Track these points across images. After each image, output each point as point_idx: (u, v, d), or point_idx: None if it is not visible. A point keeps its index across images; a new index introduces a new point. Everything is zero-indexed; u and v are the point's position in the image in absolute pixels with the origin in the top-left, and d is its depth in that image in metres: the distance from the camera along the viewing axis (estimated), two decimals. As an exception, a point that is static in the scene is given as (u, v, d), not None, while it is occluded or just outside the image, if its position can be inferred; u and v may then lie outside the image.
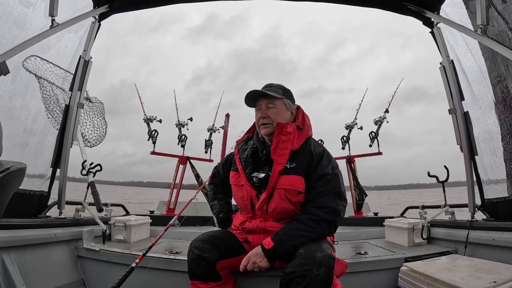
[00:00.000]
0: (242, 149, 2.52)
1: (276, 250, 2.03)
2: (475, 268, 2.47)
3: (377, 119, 5.98)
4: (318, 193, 2.15)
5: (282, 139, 2.26)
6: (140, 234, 4.07)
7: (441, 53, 3.66)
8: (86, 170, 3.78)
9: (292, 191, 2.18)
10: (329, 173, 2.18)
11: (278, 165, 2.23)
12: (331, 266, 1.87)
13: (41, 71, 3.48)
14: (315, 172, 2.20)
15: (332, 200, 2.12)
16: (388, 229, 4.05)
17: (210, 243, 2.28)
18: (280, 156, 2.24)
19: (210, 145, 6.61)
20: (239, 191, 2.42)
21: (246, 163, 2.42)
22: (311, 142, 2.36)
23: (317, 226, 2.06)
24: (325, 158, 2.25)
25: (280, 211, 2.22)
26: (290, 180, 2.20)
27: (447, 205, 3.77)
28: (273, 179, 2.23)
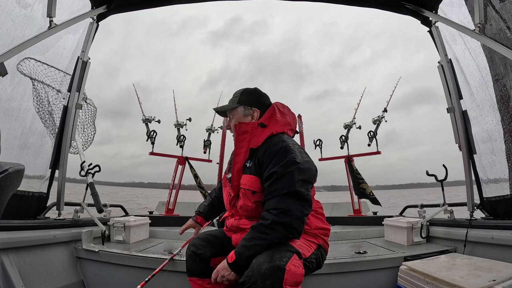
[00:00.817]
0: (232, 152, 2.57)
1: (238, 263, 1.96)
2: (475, 267, 2.47)
3: (375, 119, 5.99)
4: (267, 194, 2.04)
5: (238, 138, 2.29)
6: (139, 235, 4.07)
7: (439, 52, 3.67)
8: (84, 171, 3.78)
9: (247, 190, 2.18)
10: (276, 172, 2.02)
11: (236, 164, 2.27)
12: (278, 278, 1.75)
13: (37, 73, 3.47)
14: (265, 171, 2.10)
15: (282, 200, 1.96)
16: (387, 228, 4.06)
17: (206, 240, 2.41)
18: (237, 155, 2.27)
19: (209, 145, 6.62)
20: (224, 191, 2.50)
21: (229, 165, 2.50)
22: (272, 139, 2.23)
23: (270, 231, 1.93)
24: (279, 155, 2.08)
25: (246, 209, 2.23)
26: (247, 179, 2.20)
27: (446, 204, 3.77)
28: (233, 177, 2.28)
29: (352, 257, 3.08)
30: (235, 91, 2.45)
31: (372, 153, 6.02)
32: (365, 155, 6.10)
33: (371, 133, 5.97)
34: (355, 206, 5.86)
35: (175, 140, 6.25)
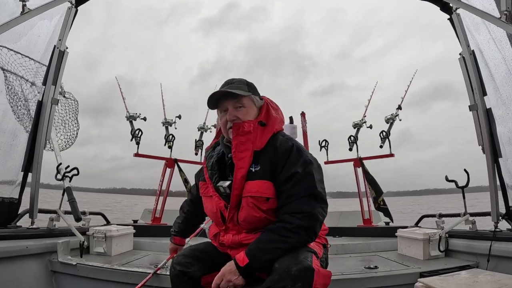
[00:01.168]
0: (209, 156, 2.50)
1: (251, 267, 1.99)
2: (499, 284, 2.48)
3: (388, 117, 5.99)
4: (288, 197, 2.08)
5: (240, 140, 2.23)
6: (122, 246, 4.08)
7: (461, 42, 3.69)
8: (61, 175, 3.78)
9: (259, 198, 2.14)
10: (298, 172, 2.09)
11: (239, 170, 2.20)
12: (308, 280, 1.83)
13: (9, 64, 3.47)
14: (282, 172, 2.13)
15: (306, 203, 2.05)
16: (401, 241, 4.08)
17: (193, 257, 2.31)
18: (241, 159, 2.20)
19: (201, 146, 6.63)
20: (208, 202, 2.41)
21: (212, 171, 2.40)
22: (277, 138, 2.27)
23: (293, 235, 2.00)
24: (293, 155, 2.16)
25: (252, 221, 2.18)
26: (255, 185, 2.16)
27: (467, 213, 3.79)
28: (236, 185, 2.19)
29: (362, 272, 3.09)
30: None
31: (385, 156, 6.01)
32: (377, 158, 6.10)
33: (384, 133, 5.97)
34: (365, 215, 5.86)
35: (163, 140, 6.26)
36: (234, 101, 2.29)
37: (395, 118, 6.00)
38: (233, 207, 2.22)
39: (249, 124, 2.24)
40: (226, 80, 2.41)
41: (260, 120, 2.29)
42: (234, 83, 2.35)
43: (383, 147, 5.97)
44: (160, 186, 6.16)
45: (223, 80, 2.42)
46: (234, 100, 2.29)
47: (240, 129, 2.22)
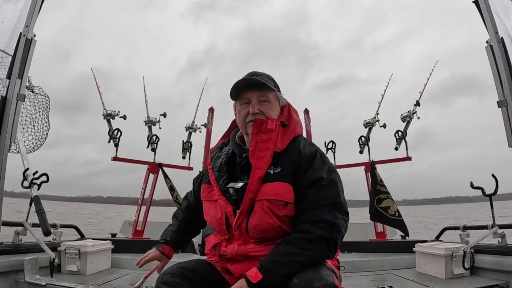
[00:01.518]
0: (216, 157, 2.53)
1: (265, 283, 1.97)
2: (532, 306, 2.49)
3: (405, 115, 6.00)
4: (310, 203, 2.10)
5: (261, 138, 2.25)
6: (98, 264, 4.07)
7: (488, 29, 3.68)
8: (28, 182, 3.75)
9: (277, 202, 2.14)
10: (323, 178, 2.15)
11: (257, 170, 2.21)
12: None
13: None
14: (305, 177, 2.17)
15: (329, 212, 2.08)
16: (420, 257, 4.08)
17: (182, 276, 2.22)
18: (260, 159, 2.22)
19: (189, 148, 6.64)
20: (211, 208, 2.39)
21: (220, 172, 2.40)
22: (300, 141, 2.34)
23: (313, 247, 2.01)
24: (317, 160, 2.23)
25: (264, 229, 2.16)
26: (274, 188, 2.17)
27: (495, 225, 3.78)
28: (251, 187, 2.19)
29: (375, 293, 3.10)
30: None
31: (401, 159, 6.00)
32: (391, 162, 6.10)
33: (399, 133, 5.97)
34: (378, 228, 5.87)
35: (145, 141, 6.26)
36: (259, 94, 2.35)
37: (412, 115, 6.01)
38: (244, 212, 2.20)
39: (272, 122, 2.29)
40: (250, 71, 2.45)
41: (282, 120, 2.34)
42: (259, 75, 2.39)
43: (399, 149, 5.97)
44: (142, 195, 6.15)
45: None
46: (259, 93, 2.34)
47: (263, 126, 2.26)
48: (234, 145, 2.46)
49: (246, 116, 2.34)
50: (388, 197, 5.75)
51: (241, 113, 2.38)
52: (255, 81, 2.33)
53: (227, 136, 2.64)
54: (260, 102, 2.34)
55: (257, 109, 2.32)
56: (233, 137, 2.51)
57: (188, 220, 2.76)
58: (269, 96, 2.36)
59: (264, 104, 2.34)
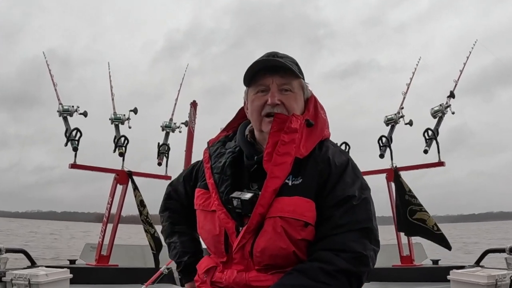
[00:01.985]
0: (217, 154, 2.36)
1: None
2: None
3: (436, 109, 5.98)
4: (336, 227, 2.00)
5: (282, 138, 2.11)
6: (53, 298, 4.05)
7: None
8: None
9: (294, 221, 2.01)
10: (354, 196, 2.02)
11: (273, 179, 2.06)
12: None
13: None
14: (333, 193, 2.04)
15: (358, 240, 1.96)
16: (456, 286, 4.07)
17: None
18: (278, 165, 2.08)
19: (166, 152, 6.63)
20: (207, 220, 2.25)
21: (222, 176, 2.23)
22: (328, 146, 2.21)
23: (332, 281, 1.92)
24: (349, 173, 2.11)
25: (273, 254, 2.04)
26: (292, 203, 2.03)
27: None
28: (263, 201, 2.05)
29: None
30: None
31: (431, 165, 5.97)
32: (420, 168, 6.08)
33: (430, 133, 5.94)
34: (404, 251, 5.84)
35: (112, 143, 6.26)
36: (281, 80, 2.18)
37: (445, 110, 6.00)
38: (250, 230, 2.06)
39: (297, 120, 2.15)
40: (268, 52, 2.30)
41: (307, 118, 2.21)
42: (282, 57, 2.23)
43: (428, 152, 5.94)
44: (108, 210, 6.11)
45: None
46: (282, 79, 2.18)
47: (287, 124, 2.12)
48: (243, 142, 2.30)
49: (263, 107, 2.18)
50: (422, 210, 5.69)
51: (255, 102, 2.22)
52: (277, 63, 2.16)
53: (231, 128, 2.50)
54: (282, 91, 2.18)
55: (277, 100, 2.15)
56: (242, 131, 2.35)
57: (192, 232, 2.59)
58: (293, 84, 2.20)
59: (286, 94, 2.18)
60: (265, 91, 2.18)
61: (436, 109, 6.00)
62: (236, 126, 2.46)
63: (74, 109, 6.09)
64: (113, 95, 6.38)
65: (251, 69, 2.18)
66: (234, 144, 2.35)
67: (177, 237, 2.60)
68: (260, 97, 2.19)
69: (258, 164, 2.16)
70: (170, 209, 2.69)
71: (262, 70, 2.18)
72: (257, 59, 2.20)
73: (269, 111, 2.15)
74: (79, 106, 6.11)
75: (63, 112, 6.06)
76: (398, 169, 6.03)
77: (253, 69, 2.18)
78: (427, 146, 5.95)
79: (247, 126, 2.36)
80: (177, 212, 2.66)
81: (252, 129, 2.30)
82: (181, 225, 2.63)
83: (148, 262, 5.53)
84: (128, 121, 6.36)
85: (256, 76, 2.21)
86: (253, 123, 2.26)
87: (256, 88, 2.22)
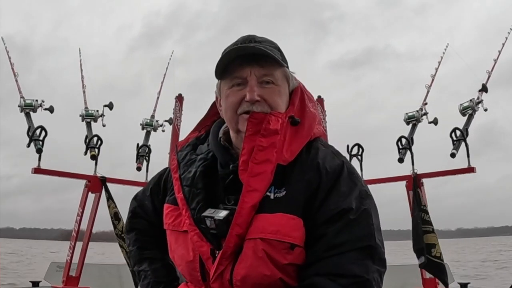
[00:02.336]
0: (186, 161, 2.30)
1: None
2: None
3: (466, 105, 5.97)
4: (330, 247, 1.92)
5: (259, 143, 2.04)
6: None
7: None
8: None
9: (278, 243, 1.95)
10: (351, 209, 1.96)
11: (250, 193, 1.99)
12: None
13: None
14: (324, 206, 1.98)
15: (359, 261, 1.89)
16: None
17: None
18: (256, 176, 2.01)
19: (146, 155, 6.62)
20: (178, 243, 2.20)
21: (193, 189, 2.17)
22: (317, 148, 2.16)
23: None
24: (344, 179, 2.05)
25: (257, 283, 1.98)
26: (275, 222, 1.97)
27: None
28: (240, 219, 1.98)
29: None
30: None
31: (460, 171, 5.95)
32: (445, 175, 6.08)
33: (458, 133, 5.91)
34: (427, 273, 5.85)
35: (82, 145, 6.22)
36: (261, 70, 2.10)
37: (476, 107, 5.96)
38: (228, 255, 1.99)
39: (277, 119, 2.06)
40: (244, 36, 2.22)
41: (292, 115, 2.13)
42: (260, 41, 2.16)
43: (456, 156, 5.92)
44: (77, 224, 6.10)
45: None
46: (261, 69, 2.10)
47: (264, 125, 2.04)
48: (216, 146, 2.24)
49: (239, 104, 2.10)
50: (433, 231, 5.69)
51: (230, 99, 2.14)
52: (255, 50, 2.08)
53: (203, 127, 2.44)
54: (262, 84, 2.10)
55: (257, 95, 2.07)
56: (215, 132, 2.28)
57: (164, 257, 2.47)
58: (276, 74, 2.12)
59: (268, 87, 2.10)
60: (241, 84, 2.12)
61: (466, 105, 5.95)
62: (209, 124, 2.41)
63: (38, 104, 6.05)
64: (85, 87, 6.36)
65: (224, 58, 2.11)
66: (206, 149, 2.30)
67: (147, 265, 2.50)
68: (235, 92, 2.13)
69: (235, 174, 2.10)
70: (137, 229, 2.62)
71: (237, 59, 2.11)
72: (231, 45, 2.14)
73: (248, 109, 2.10)
74: (44, 101, 6.08)
75: (26, 107, 6.01)
76: (420, 176, 6.02)
77: (227, 58, 2.11)
78: (454, 149, 5.87)
79: (221, 126, 2.30)
80: (145, 233, 2.59)
81: (227, 130, 2.25)
82: (150, 249, 2.55)
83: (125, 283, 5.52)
84: (102, 118, 6.34)
85: (230, 67, 2.13)
86: (228, 123, 2.21)
87: (230, 81, 2.16)
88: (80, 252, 6.00)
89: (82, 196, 6.17)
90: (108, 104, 6.39)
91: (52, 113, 6.09)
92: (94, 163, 6.17)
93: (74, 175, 6.19)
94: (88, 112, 6.31)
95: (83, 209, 6.15)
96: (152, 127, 6.73)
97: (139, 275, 2.52)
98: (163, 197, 2.41)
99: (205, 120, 2.44)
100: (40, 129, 5.92)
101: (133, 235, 2.59)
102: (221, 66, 2.12)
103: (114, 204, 6.12)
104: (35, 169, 5.91)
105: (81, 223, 6.12)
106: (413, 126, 6.22)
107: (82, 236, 6.11)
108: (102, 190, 6.15)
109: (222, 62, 2.11)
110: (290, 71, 2.22)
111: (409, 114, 6.26)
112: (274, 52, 2.11)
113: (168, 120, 6.84)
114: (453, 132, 5.93)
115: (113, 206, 6.11)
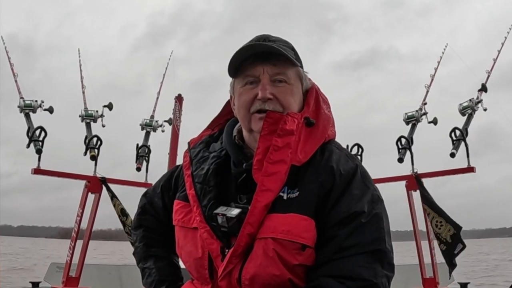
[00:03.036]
0: (199, 158, 2.30)
1: None
2: None
3: (465, 105, 5.97)
4: (340, 249, 1.93)
5: (275, 143, 2.04)
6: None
7: None
8: None
9: (290, 243, 1.95)
10: (363, 212, 1.97)
11: (264, 193, 2.00)
12: None
13: None
14: (336, 208, 1.99)
15: (368, 265, 1.91)
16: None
17: None
18: (270, 176, 2.02)
19: (146, 156, 6.63)
20: (187, 239, 2.19)
21: (205, 186, 2.17)
22: (332, 150, 2.16)
23: None
24: (357, 183, 2.06)
25: (266, 283, 1.98)
26: (287, 222, 1.98)
27: None
28: (252, 218, 1.99)
29: None
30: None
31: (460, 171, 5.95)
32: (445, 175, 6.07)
33: (457, 133, 5.91)
34: (427, 272, 5.84)
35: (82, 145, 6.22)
36: (274, 69, 2.12)
37: (476, 106, 5.97)
38: (238, 254, 1.99)
39: (294, 120, 2.07)
40: (258, 35, 2.26)
41: (307, 116, 2.14)
42: (274, 40, 2.19)
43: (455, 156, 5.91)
44: (77, 224, 6.08)
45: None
46: (274, 68, 2.12)
47: (281, 125, 2.04)
48: (229, 144, 2.25)
49: (252, 102, 2.12)
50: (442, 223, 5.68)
51: (243, 97, 2.16)
52: (268, 48, 2.10)
53: (217, 125, 2.45)
54: (275, 82, 2.11)
55: (269, 93, 2.08)
56: (229, 131, 2.29)
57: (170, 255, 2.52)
58: (289, 73, 2.13)
59: (280, 86, 2.12)
60: (254, 82, 2.13)
61: (465, 105, 5.95)
62: (223, 123, 2.43)
63: (38, 104, 6.03)
64: (84, 87, 6.34)
65: (237, 56, 2.13)
66: (219, 147, 2.30)
67: (152, 262, 2.51)
68: (248, 91, 2.14)
69: (248, 173, 2.11)
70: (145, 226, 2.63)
71: (250, 57, 2.13)
72: (244, 44, 2.14)
73: (260, 107, 2.11)
74: (43, 101, 6.06)
75: (25, 107, 5.99)
76: (420, 175, 6.02)
77: (240, 56, 2.12)
78: (454, 149, 5.88)
79: (235, 125, 2.30)
80: (153, 231, 2.60)
81: (241, 128, 2.26)
82: (157, 247, 2.56)
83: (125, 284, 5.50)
84: (102, 118, 6.33)
85: (243, 65, 2.15)
86: (241, 121, 2.22)
87: (243, 79, 2.17)
88: (80, 253, 5.98)
89: (82, 196, 6.15)
90: (107, 105, 6.38)
91: (51, 113, 6.08)
92: (94, 163, 6.15)
93: (74, 175, 6.17)
94: (88, 112, 6.30)
95: (83, 210, 6.14)
96: (151, 128, 6.72)
97: (143, 272, 2.52)
98: (173, 194, 2.42)
99: (219, 118, 2.46)
100: (40, 130, 5.90)
101: (140, 232, 2.62)
102: (234, 64, 2.14)
103: (119, 201, 6.13)
104: (34, 170, 5.89)
105: (81, 224, 6.11)
106: (412, 126, 6.23)
107: (82, 236, 6.09)
108: (101, 190, 6.13)
109: (235, 60, 2.13)
110: (304, 71, 2.23)
111: (408, 114, 6.26)
112: (288, 51, 2.12)
113: (168, 120, 6.83)
114: (453, 132, 5.94)
115: (119, 203, 6.12)
